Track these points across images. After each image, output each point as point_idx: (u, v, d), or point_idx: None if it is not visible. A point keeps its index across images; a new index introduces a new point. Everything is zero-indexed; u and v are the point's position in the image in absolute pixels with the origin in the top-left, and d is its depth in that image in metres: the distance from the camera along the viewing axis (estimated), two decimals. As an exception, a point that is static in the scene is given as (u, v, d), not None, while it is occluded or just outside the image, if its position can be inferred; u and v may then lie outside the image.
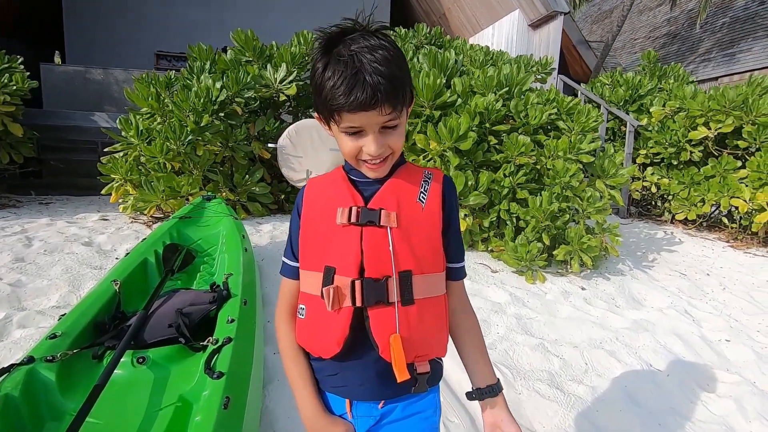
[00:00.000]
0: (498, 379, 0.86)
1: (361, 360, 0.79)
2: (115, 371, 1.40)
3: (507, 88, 3.90)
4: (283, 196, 4.50)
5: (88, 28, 9.41)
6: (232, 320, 1.66)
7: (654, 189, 5.25)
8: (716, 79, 10.64)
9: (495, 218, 3.55)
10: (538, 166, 3.62)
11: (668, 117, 5.23)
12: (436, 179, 0.84)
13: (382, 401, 0.83)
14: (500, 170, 3.57)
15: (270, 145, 4.21)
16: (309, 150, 4.15)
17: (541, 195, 3.32)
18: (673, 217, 5.07)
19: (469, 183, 3.32)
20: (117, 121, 3.82)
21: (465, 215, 3.36)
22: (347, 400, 0.83)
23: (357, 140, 0.74)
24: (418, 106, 3.86)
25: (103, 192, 3.84)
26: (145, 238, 2.46)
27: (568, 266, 3.38)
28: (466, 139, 3.41)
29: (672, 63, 6.66)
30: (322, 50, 0.72)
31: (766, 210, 4.08)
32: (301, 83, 4.53)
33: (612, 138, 6.01)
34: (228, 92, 4.02)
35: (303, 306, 0.83)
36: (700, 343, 2.48)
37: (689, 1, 12.54)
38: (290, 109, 4.95)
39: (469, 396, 0.85)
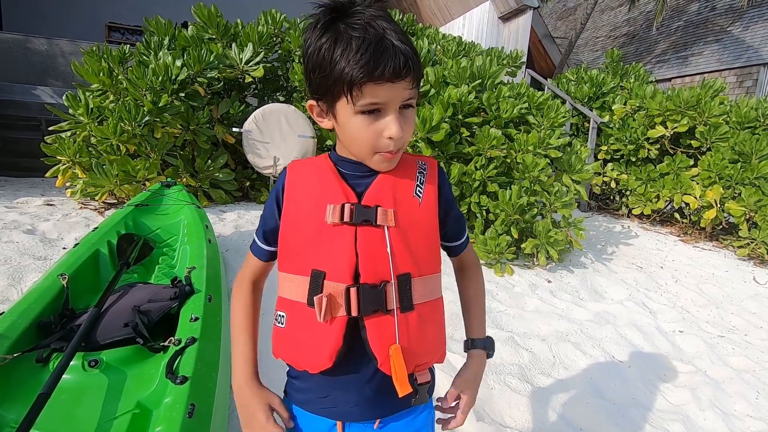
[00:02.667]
0: (488, 337, 0.87)
1: (356, 375, 0.72)
2: (63, 376, 1.27)
3: (480, 81, 3.89)
4: (248, 183, 4.32)
5: (28, -8, 8.61)
6: (196, 318, 1.55)
7: (613, 184, 5.46)
8: (670, 80, 11.19)
9: (465, 211, 3.56)
10: (509, 160, 3.65)
11: (629, 115, 5.43)
12: (431, 170, 0.77)
13: (378, 419, 0.76)
14: (471, 163, 3.57)
15: (235, 129, 4.00)
16: (276, 136, 3.99)
17: (510, 188, 3.35)
18: (629, 211, 5.30)
19: (441, 175, 3.30)
20: (63, 97, 3.49)
21: (436, 207, 3.35)
22: (338, 423, 0.75)
23: (375, 123, 0.65)
24: (391, 94, 3.78)
25: (47, 175, 3.53)
26: (97, 227, 2.26)
27: (535, 259, 3.46)
28: (438, 130, 3.38)
29: (631, 63, 6.92)
30: (324, 25, 0.64)
31: (713, 207, 4.34)
32: (268, 65, 4.33)
33: (576, 134, 6.18)
34: (189, 71, 3.77)
35: (282, 313, 0.75)
36: (656, 335, 2.59)
37: (648, 2, 13.05)
38: (256, 92, 4.73)
39: (465, 346, 0.88)
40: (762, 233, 3.98)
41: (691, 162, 4.79)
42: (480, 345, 0.85)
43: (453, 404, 0.80)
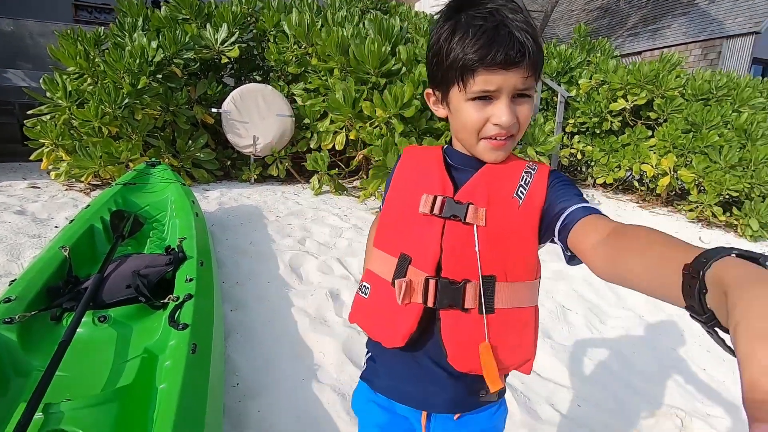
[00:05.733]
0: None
1: (430, 363, 0.72)
2: (77, 330, 1.46)
3: (449, 58, 4.07)
4: (229, 163, 4.45)
5: (-13, -31, 8.25)
6: (191, 279, 1.76)
7: (580, 156, 5.76)
8: (640, 53, 11.48)
9: (437, 183, 3.79)
10: (477, 134, 3.88)
11: (594, 89, 5.69)
12: (541, 171, 0.69)
13: (458, 413, 0.75)
14: (442, 137, 3.79)
15: (213, 110, 4.11)
16: (255, 116, 4.11)
17: (478, 161, 3.59)
18: (594, 181, 5.63)
19: (413, 149, 3.52)
20: (41, 80, 3.54)
21: (409, 180, 3.57)
22: (423, 413, 0.75)
23: (484, 109, 0.64)
24: (364, 73, 3.93)
25: (32, 158, 3.60)
26: (88, 205, 2.42)
27: (502, 226, 3.74)
28: (410, 107, 3.57)
29: (602, 37, 7.15)
30: (445, 15, 0.66)
31: (668, 174, 4.68)
32: (243, 45, 4.40)
33: (545, 108, 6.43)
34: (165, 53, 3.84)
35: (368, 285, 0.77)
36: (604, 288, 2.92)
37: (620, -24, 13.20)
38: (232, 72, 4.80)
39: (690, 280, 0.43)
40: (708, 197, 4.34)
41: (650, 133, 5.11)
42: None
43: None
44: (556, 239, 0.66)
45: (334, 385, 1.69)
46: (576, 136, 5.83)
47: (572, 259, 0.64)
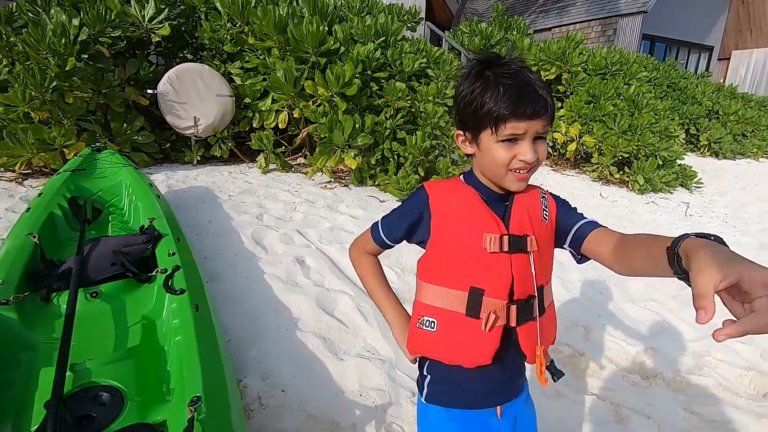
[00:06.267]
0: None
1: (506, 366, 0.87)
2: (71, 307, 1.59)
3: (383, 38, 4.31)
4: (168, 145, 4.37)
5: None
6: (173, 253, 1.91)
7: (502, 127, 6.36)
8: (551, 29, 12.48)
9: (380, 156, 4.10)
10: (413, 110, 4.21)
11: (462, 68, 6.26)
12: (548, 194, 0.90)
13: (515, 395, 0.93)
14: (382, 113, 4.08)
15: (149, 90, 4.01)
16: (194, 96, 4.08)
17: (416, 135, 3.94)
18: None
19: (356, 126, 3.77)
20: (-53, 62, 3.23)
21: (355, 155, 3.83)
22: (498, 407, 0.90)
23: (512, 148, 0.78)
24: (304, 52, 4.06)
25: (-56, 148, 3.30)
26: (40, 194, 2.40)
27: (439, 193, 4.16)
28: (351, 86, 3.79)
29: (517, 15, 7.75)
30: (475, 75, 0.81)
31: (575, 141, 5.40)
32: (174, 23, 4.27)
33: (471, 82, 6.94)
34: (90, 31, 3.65)
35: (433, 320, 0.86)
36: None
37: (531, -46, 14.01)
38: (162, 50, 4.64)
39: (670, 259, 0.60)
40: (606, 159, 5.12)
41: (560, 104, 5.79)
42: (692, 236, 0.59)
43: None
44: (566, 246, 0.88)
45: (315, 331, 1.98)
46: (498, 109, 6.40)
47: (582, 260, 0.87)
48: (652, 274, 0.67)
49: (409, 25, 5.71)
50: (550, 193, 0.92)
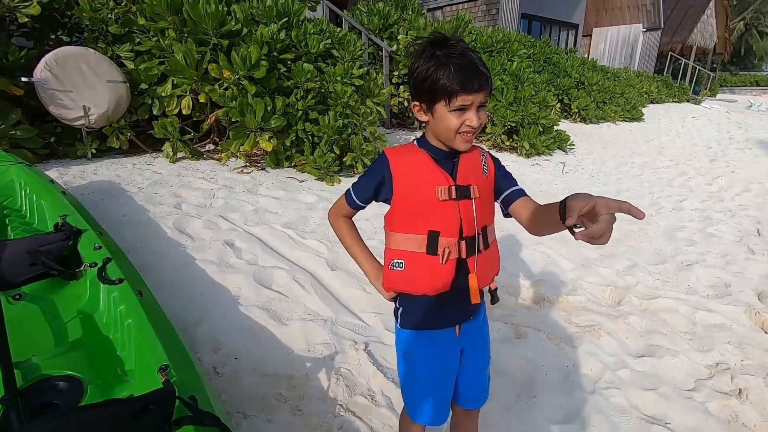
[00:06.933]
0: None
1: (460, 293, 1.06)
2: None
3: (286, 19, 4.31)
4: (53, 139, 3.94)
5: None
6: (99, 247, 1.88)
7: (406, 103, 6.72)
8: (442, 8, 13.12)
9: (294, 137, 4.17)
10: (323, 90, 4.33)
11: (410, 44, 6.60)
12: (487, 154, 1.12)
13: (471, 316, 1.15)
14: (292, 95, 4.13)
15: (23, 79, 3.56)
16: (80, 84, 3.73)
17: (327, 114, 4.08)
18: (420, 124, 6.69)
19: (268, 108, 3.79)
20: None
21: (269, 137, 3.86)
22: (457, 327, 1.13)
23: (461, 116, 0.96)
24: (203, 34, 3.91)
25: None
26: None
27: (354, 169, 4.38)
28: (259, 68, 3.78)
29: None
30: (429, 54, 0.96)
31: (471, 113, 5.95)
32: (45, 1, 3.80)
33: (373, 62, 7.16)
34: (-64, 10, 3.13)
35: (402, 261, 1.05)
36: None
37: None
38: (32, 32, 4.10)
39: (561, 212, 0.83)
40: (497, 129, 5.75)
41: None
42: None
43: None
44: (498, 202, 1.11)
45: (257, 304, 2.10)
46: (401, 86, 6.74)
47: (507, 216, 1.12)
48: (554, 230, 0.92)
49: (309, 4, 5.70)
50: (489, 153, 1.14)
